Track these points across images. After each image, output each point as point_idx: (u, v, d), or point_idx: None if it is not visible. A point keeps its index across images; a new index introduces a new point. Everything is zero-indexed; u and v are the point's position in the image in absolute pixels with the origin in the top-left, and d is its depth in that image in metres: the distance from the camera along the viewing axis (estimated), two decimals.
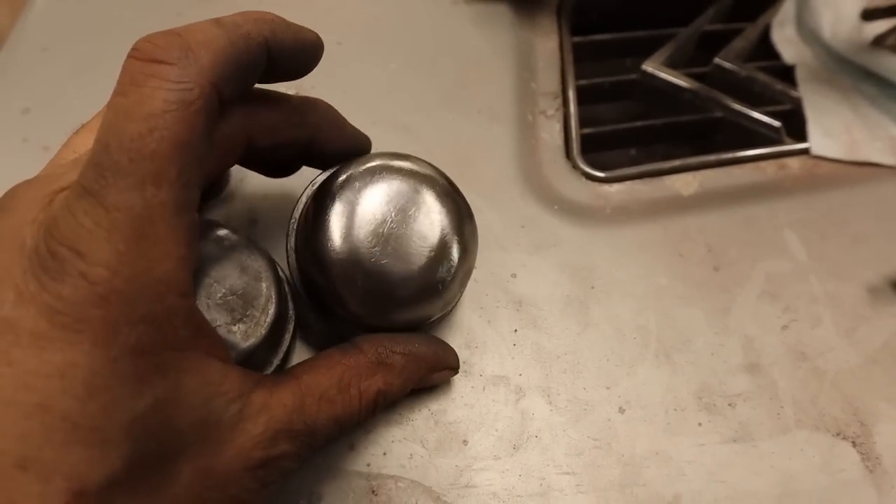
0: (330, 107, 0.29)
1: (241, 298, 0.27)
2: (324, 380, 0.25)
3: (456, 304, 0.32)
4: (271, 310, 0.27)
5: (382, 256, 0.27)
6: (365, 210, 0.27)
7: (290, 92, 0.39)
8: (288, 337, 0.29)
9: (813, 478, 0.31)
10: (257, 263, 0.28)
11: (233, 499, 0.22)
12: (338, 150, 0.29)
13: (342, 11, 0.44)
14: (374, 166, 0.28)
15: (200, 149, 0.20)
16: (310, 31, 0.25)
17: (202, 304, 0.26)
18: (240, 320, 0.27)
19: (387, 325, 0.29)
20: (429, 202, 0.28)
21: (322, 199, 0.28)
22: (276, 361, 0.29)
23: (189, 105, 0.19)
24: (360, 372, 0.26)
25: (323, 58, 0.40)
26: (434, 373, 0.29)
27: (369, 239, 0.27)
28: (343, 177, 0.28)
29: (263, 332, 0.27)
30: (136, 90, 0.19)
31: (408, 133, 0.39)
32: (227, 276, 0.27)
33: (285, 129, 0.27)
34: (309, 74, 0.40)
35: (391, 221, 0.27)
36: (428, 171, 0.29)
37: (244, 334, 0.26)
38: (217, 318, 0.26)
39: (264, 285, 0.28)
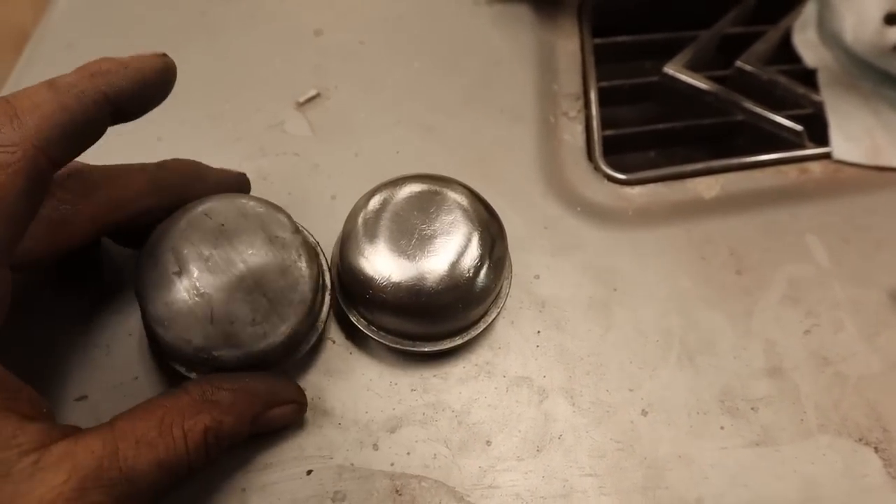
0: (190, 162, 0.30)
1: (270, 301, 0.27)
2: (141, 423, 0.23)
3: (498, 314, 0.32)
4: (293, 322, 0.27)
5: (416, 257, 0.29)
6: (392, 224, 0.30)
7: (312, 93, 0.40)
8: (307, 347, 0.30)
9: (835, 483, 0.31)
10: (301, 269, 0.28)
11: None
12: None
13: (364, 10, 0.44)
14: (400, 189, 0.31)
15: (15, 207, 0.21)
16: (152, 58, 0.25)
17: (228, 294, 0.26)
18: (259, 323, 0.27)
19: (431, 333, 0.31)
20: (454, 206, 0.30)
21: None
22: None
23: (7, 166, 0.20)
24: (183, 411, 0.24)
25: (346, 56, 0.41)
26: (271, 408, 0.27)
27: (402, 244, 0.29)
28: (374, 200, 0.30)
29: (278, 340, 0.27)
30: None
31: (430, 133, 0.39)
32: (265, 273, 0.27)
33: (145, 198, 0.28)
34: (331, 74, 0.40)
35: (417, 232, 0.29)
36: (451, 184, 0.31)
37: (257, 336, 0.27)
38: (238, 313, 0.26)
39: (297, 297, 0.28)
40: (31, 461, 0.20)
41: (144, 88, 0.25)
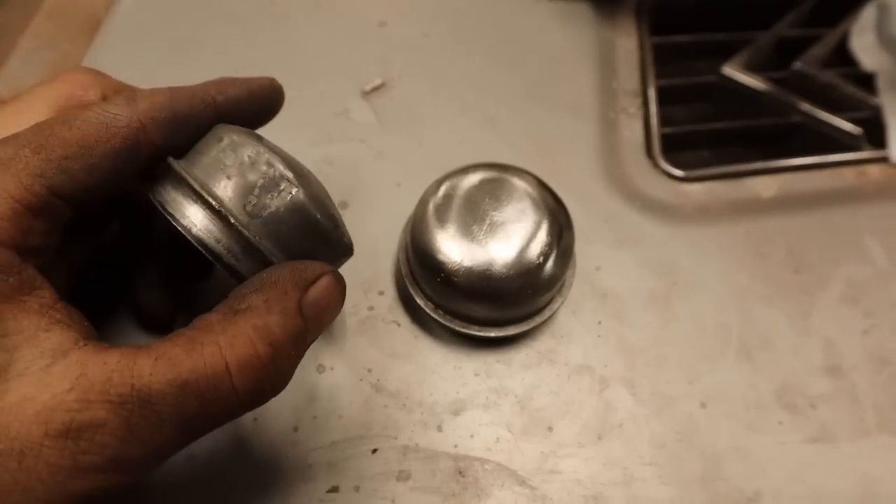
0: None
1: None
2: (167, 343, 0.20)
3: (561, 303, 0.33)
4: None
5: (485, 242, 0.30)
6: (463, 210, 0.30)
7: (378, 82, 0.40)
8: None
9: (893, 481, 0.31)
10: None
11: (29, 472, 0.18)
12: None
13: (427, 4, 0.45)
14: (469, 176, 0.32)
15: (103, 160, 0.22)
16: (260, 78, 0.28)
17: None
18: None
19: (498, 318, 0.31)
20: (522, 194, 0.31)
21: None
22: None
23: (111, 128, 0.23)
24: (213, 327, 0.21)
25: (410, 48, 0.42)
26: (307, 289, 0.23)
27: (473, 230, 0.30)
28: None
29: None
30: (79, 111, 0.23)
31: (493, 125, 0.39)
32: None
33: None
34: (395, 65, 0.41)
35: (488, 218, 0.30)
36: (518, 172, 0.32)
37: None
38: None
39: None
40: (44, 364, 0.19)
41: (251, 98, 0.27)
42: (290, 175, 0.23)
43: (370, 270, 0.34)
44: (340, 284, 0.24)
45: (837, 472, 0.31)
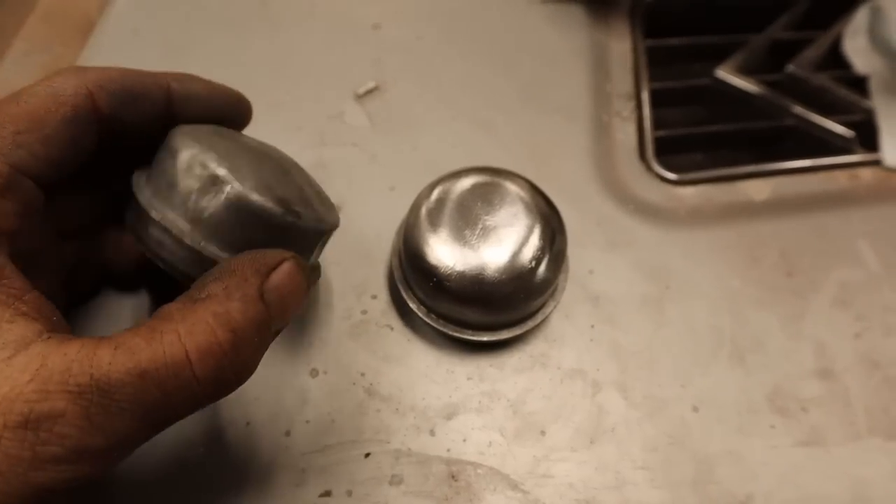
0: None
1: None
2: (128, 333, 0.20)
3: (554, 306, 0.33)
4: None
5: (478, 247, 0.30)
6: (454, 213, 0.30)
7: (371, 85, 0.40)
8: None
9: (885, 485, 0.31)
10: None
11: None
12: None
13: (421, 6, 0.44)
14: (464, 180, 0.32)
15: (55, 130, 0.23)
16: (228, 87, 0.28)
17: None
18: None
19: (490, 322, 0.32)
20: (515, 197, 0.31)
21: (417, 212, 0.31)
22: None
23: (59, 97, 0.23)
24: (173, 316, 0.20)
25: (403, 51, 0.42)
26: (267, 273, 0.22)
27: (465, 234, 0.30)
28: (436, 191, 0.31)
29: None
30: (27, 87, 0.23)
31: (486, 129, 0.39)
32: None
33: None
34: (389, 68, 0.41)
35: (481, 221, 0.30)
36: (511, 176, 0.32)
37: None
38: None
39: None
40: (5, 356, 0.19)
41: (211, 97, 0.27)
42: (222, 172, 0.23)
43: (363, 274, 0.34)
44: (303, 270, 0.24)
45: (829, 476, 0.31)
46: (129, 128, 0.25)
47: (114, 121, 0.24)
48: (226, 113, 0.28)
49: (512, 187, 0.31)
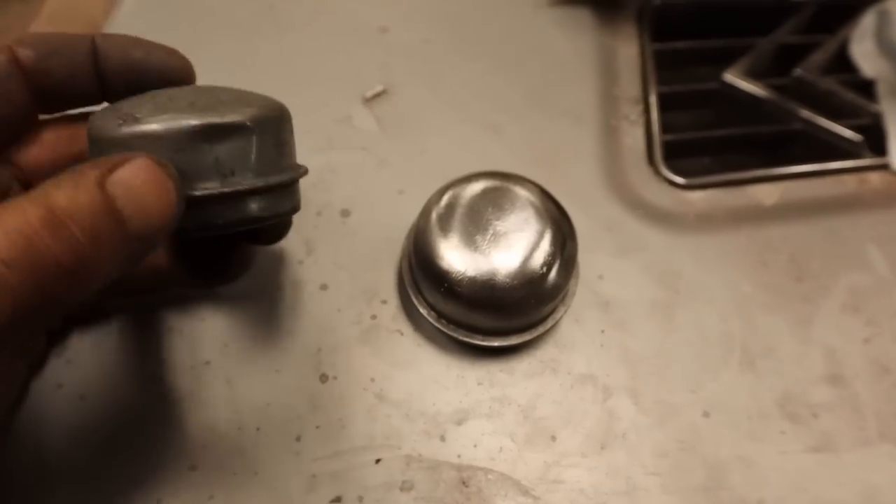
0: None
1: None
2: None
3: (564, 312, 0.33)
4: None
5: (488, 251, 0.30)
6: (465, 217, 0.30)
7: (379, 88, 0.40)
8: None
9: (895, 491, 0.31)
10: None
11: None
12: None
13: (428, 10, 0.44)
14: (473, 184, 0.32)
15: None
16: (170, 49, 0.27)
17: None
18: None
19: (501, 328, 0.31)
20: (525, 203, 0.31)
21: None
22: None
23: None
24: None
25: (411, 54, 0.42)
26: (111, 168, 0.20)
27: (476, 240, 0.30)
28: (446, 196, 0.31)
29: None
30: None
31: (495, 132, 0.39)
32: None
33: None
34: (397, 71, 0.41)
35: (491, 226, 0.30)
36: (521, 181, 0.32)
37: None
38: None
39: None
40: None
41: (136, 46, 0.26)
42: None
43: (372, 279, 0.34)
44: (160, 167, 0.21)
45: (839, 482, 0.31)
46: (59, 79, 0.26)
47: (39, 73, 0.25)
48: (164, 71, 0.27)
49: (522, 192, 0.31)
